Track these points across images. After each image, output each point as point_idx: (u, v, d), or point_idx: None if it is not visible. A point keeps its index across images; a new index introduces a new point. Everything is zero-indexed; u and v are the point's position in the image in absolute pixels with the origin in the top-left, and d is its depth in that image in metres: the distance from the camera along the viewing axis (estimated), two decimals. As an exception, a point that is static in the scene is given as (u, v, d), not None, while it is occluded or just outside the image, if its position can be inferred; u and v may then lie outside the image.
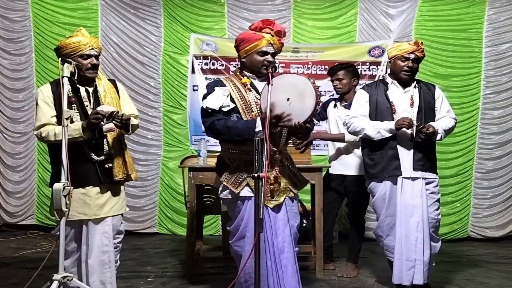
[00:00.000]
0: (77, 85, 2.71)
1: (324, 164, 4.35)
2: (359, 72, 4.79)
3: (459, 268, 4.07)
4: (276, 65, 2.64)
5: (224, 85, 2.60)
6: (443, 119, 3.19)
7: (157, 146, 5.47)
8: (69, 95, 2.64)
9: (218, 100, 2.54)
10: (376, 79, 5.30)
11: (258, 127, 2.44)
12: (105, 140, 2.70)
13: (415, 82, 3.23)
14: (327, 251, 3.88)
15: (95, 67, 2.71)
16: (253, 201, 2.43)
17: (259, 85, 2.62)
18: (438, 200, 3.23)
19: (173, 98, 5.42)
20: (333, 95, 4.35)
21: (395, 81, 3.22)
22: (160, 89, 5.43)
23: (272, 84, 2.41)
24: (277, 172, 2.58)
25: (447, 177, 5.19)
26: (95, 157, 2.67)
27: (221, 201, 4.36)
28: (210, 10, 5.43)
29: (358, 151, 3.77)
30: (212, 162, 3.84)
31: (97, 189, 2.71)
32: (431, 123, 3.09)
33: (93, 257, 2.71)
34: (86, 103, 2.71)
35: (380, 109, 3.18)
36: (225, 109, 2.54)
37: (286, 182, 2.65)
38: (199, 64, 5.39)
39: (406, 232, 3.10)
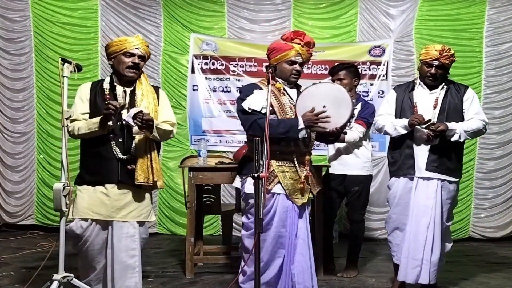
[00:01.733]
0: (115, 83, 2.72)
1: (324, 164, 4.35)
2: (360, 71, 4.79)
3: (459, 268, 4.07)
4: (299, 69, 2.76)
5: (262, 89, 2.73)
6: (468, 121, 3.14)
7: (157, 146, 5.46)
8: (106, 92, 2.66)
9: (259, 101, 2.67)
10: (376, 79, 5.33)
11: (301, 125, 2.60)
12: (133, 141, 2.65)
13: (443, 83, 3.21)
14: (327, 251, 3.87)
15: (135, 66, 2.68)
16: (282, 197, 2.65)
17: (289, 91, 2.77)
18: (452, 205, 3.21)
19: (172, 98, 5.41)
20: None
21: (422, 83, 3.23)
22: (160, 89, 5.43)
23: (271, 85, 2.55)
24: (308, 171, 2.72)
25: (447, 177, 5.19)
26: (120, 155, 2.62)
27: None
28: (210, 9, 5.44)
29: (358, 151, 3.77)
30: (212, 162, 3.85)
31: (117, 190, 2.64)
32: (448, 123, 3.06)
33: (120, 262, 2.63)
34: (121, 102, 2.68)
35: (403, 109, 3.22)
36: (263, 111, 2.64)
37: (311, 182, 2.78)
38: (199, 64, 5.39)
39: (416, 231, 3.10)
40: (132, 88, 2.73)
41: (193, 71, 5.40)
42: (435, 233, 3.08)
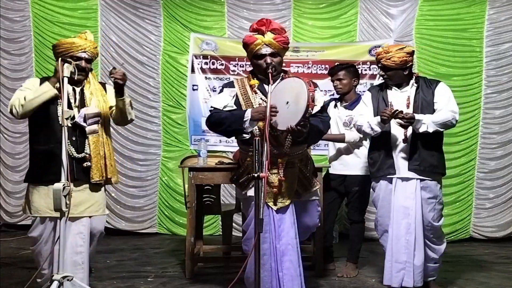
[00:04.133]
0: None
1: (324, 164, 4.35)
2: (360, 71, 4.79)
3: (459, 268, 4.06)
4: (281, 65, 2.66)
5: (233, 86, 2.66)
6: (437, 112, 3.07)
7: (156, 146, 5.47)
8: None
9: (224, 100, 2.62)
10: (376, 79, 5.32)
11: (247, 116, 2.48)
12: (87, 140, 2.74)
13: (413, 80, 3.18)
14: (327, 251, 3.87)
15: (81, 69, 2.74)
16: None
17: (269, 88, 2.57)
18: (437, 204, 3.14)
19: (172, 97, 5.42)
20: (333, 95, 4.34)
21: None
22: (159, 89, 5.42)
23: (272, 84, 2.46)
24: (281, 175, 2.57)
25: (449, 177, 5.14)
26: (75, 154, 2.70)
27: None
28: (210, 9, 5.43)
29: (358, 151, 3.77)
30: (212, 162, 3.85)
31: (73, 188, 2.65)
32: (415, 114, 2.99)
33: (66, 258, 2.63)
34: (71, 101, 2.75)
35: (380, 109, 3.17)
36: (227, 109, 2.60)
37: (294, 184, 2.64)
38: (198, 64, 5.39)
39: (397, 234, 3.07)
40: (81, 87, 2.80)
41: (193, 70, 5.39)
42: (417, 235, 3.04)
